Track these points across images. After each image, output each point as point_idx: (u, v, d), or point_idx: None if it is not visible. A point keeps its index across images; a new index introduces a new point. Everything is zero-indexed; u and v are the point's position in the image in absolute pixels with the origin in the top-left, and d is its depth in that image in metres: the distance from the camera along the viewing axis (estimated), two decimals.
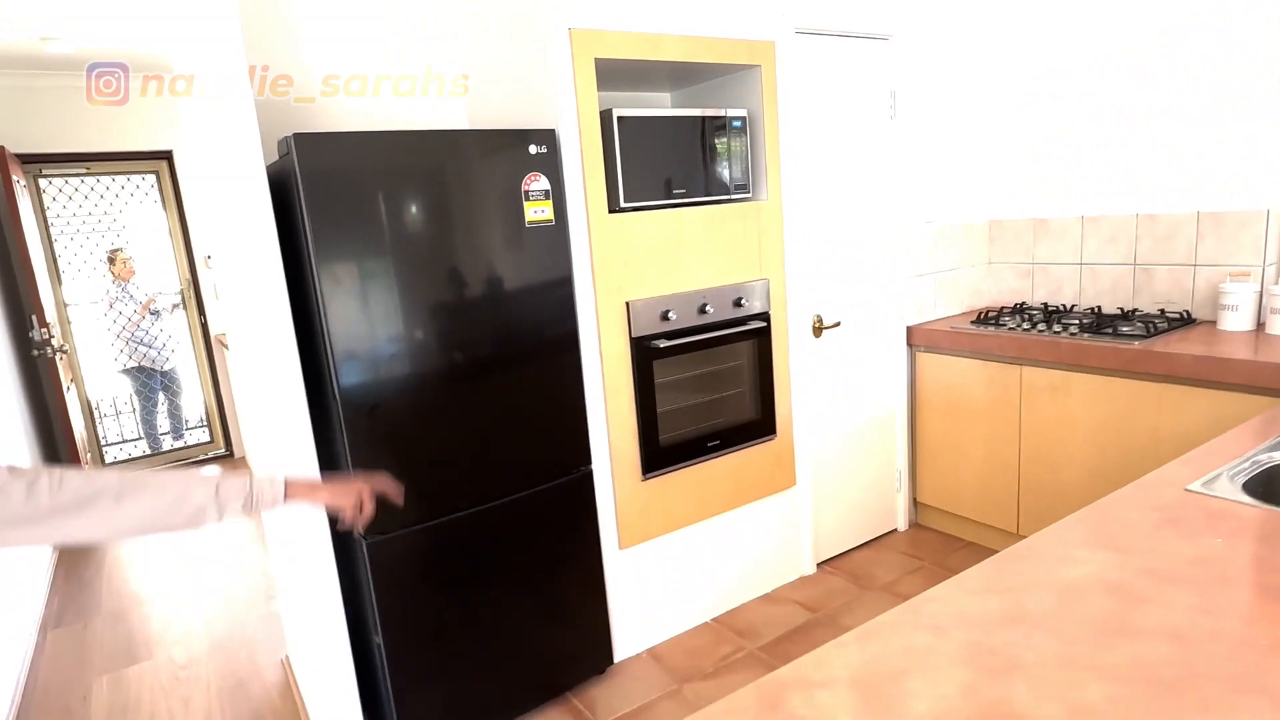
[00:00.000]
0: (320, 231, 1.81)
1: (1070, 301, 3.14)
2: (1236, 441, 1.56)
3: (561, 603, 2.34)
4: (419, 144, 1.94)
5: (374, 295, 1.91)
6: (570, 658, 2.40)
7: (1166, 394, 2.40)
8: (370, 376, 1.92)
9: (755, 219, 2.60)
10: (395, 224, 1.93)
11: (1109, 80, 2.92)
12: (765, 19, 2.54)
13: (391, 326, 1.95)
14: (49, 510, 1.00)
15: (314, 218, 1.80)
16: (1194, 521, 1.23)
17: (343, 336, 1.87)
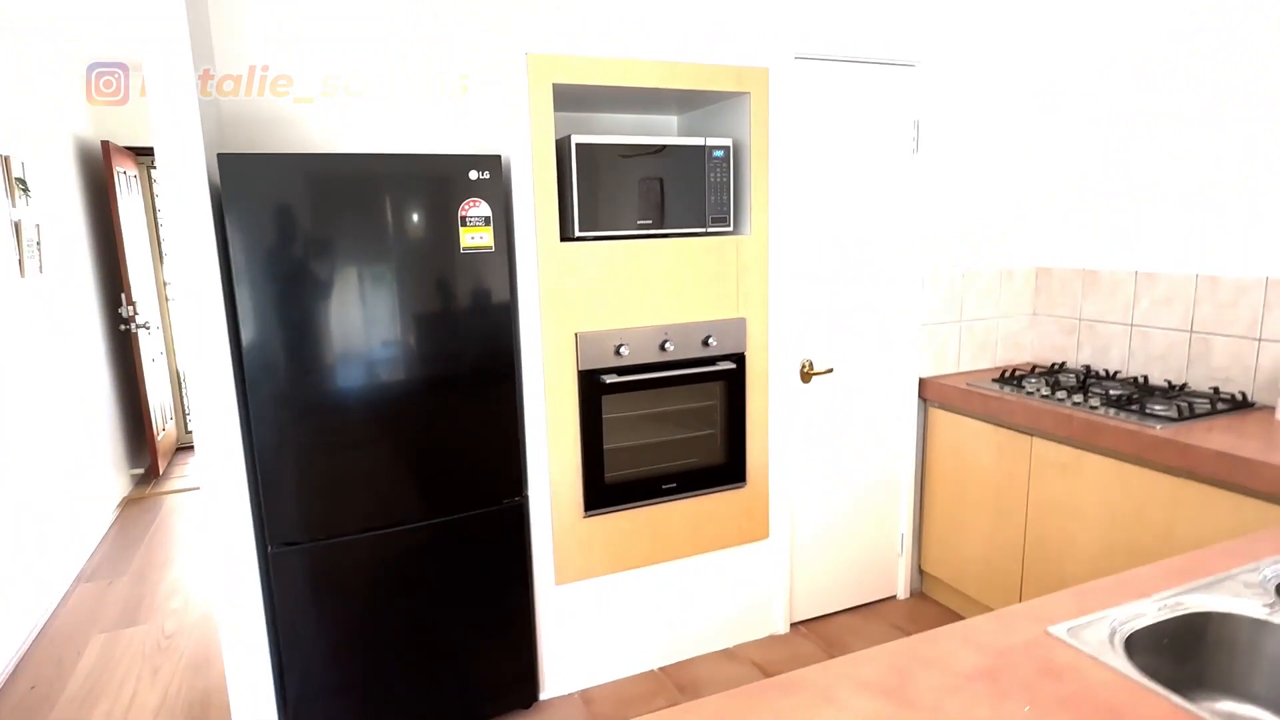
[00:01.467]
0: (241, 250, 1.86)
1: (1116, 367, 2.76)
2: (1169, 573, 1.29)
3: (487, 631, 2.31)
4: (350, 167, 1.97)
5: (293, 314, 1.95)
6: (494, 689, 2.36)
7: (1184, 491, 2.05)
8: (283, 391, 1.96)
9: (734, 254, 2.46)
10: (319, 244, 1.96)
11: (1170, 122, 2.54)
12: (757, 44, 2.39)
13: (311, 344, 1.98)
14: None
15: (236, 237, 1.86)
16: (1020, 677, 1.02)
17: (257, 352, 1.92)
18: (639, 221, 2.33)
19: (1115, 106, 2.71)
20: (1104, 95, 2.74)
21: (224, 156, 1.82)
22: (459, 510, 2.20)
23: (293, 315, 1.95)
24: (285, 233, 1.92)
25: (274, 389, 1.96)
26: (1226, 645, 1.18)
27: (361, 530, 2.09)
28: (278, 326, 1.94)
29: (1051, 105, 2.91)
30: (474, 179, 2.07)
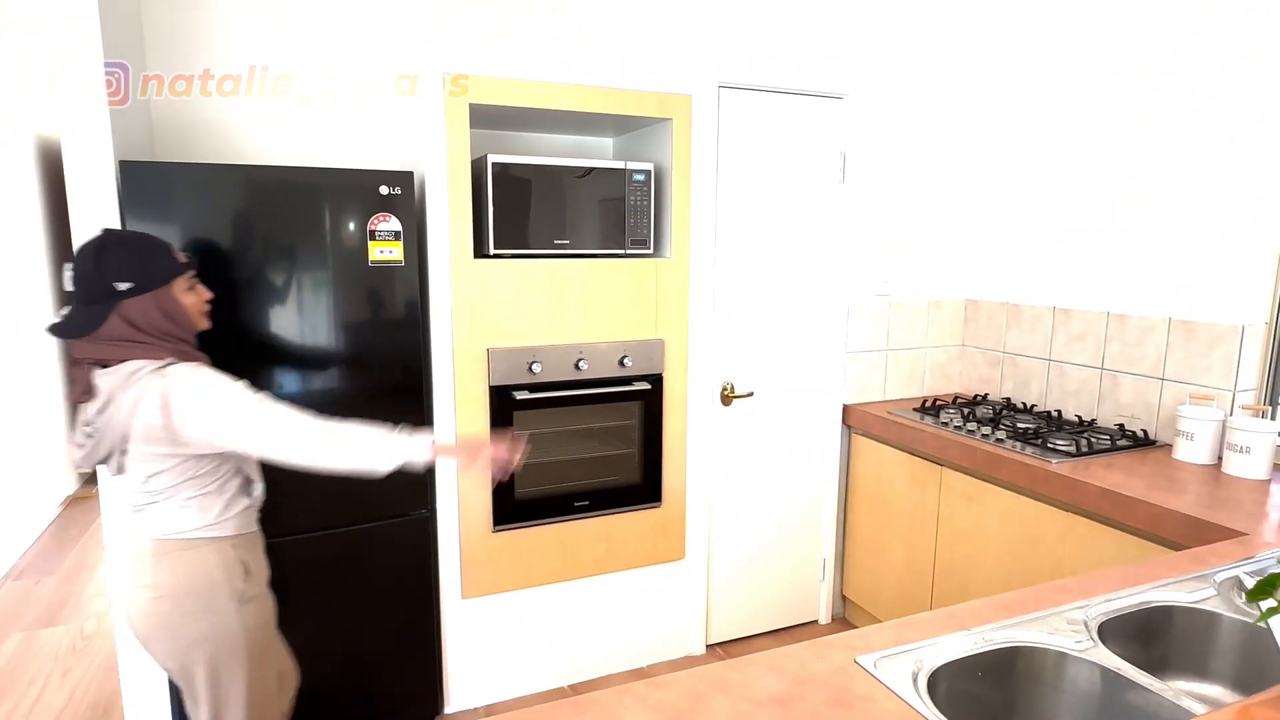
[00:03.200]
0: None
1: (1035, 400, 2.80)
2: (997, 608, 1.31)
3: (391, 643, 2.31)
4: (257, 178, 1.99)
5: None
6: (397, 701, 2.36)
7: (1074, 526, 2.08)
8: None
9: (653, 276, 2.49)
10: (222, 255, 1.97)
11: (1085, 161, 2.60)
12: (681, 72, 2.44)
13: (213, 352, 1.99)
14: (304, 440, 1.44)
15: None
16: (810, 707, 1.04)
17: None
18: (556, 241, 2.36)
19: (1037, 144, 2.77)
20: (1027, 132, 2.80)
21: (125, 164, 1.85)
22: (364, 520, 2.21)
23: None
24: (185, 243, 1.94)
25: None
26: (1035, 679, 1.21)
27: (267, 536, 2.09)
28: None
29: (978, 140, 2.97)
30: (385, 194, 2.10)
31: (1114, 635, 1.27)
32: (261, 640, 1.59)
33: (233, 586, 1.52)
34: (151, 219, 1.89)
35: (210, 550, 1.50)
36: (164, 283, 1.45)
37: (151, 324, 1.42)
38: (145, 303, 1.42)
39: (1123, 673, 1.14)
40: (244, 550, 1.57)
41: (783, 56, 2.59)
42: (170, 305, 1.45)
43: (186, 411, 1.39)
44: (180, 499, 1.47)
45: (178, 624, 1.48)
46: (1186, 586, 1.42)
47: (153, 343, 1.43)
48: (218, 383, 1.44)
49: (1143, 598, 1.37)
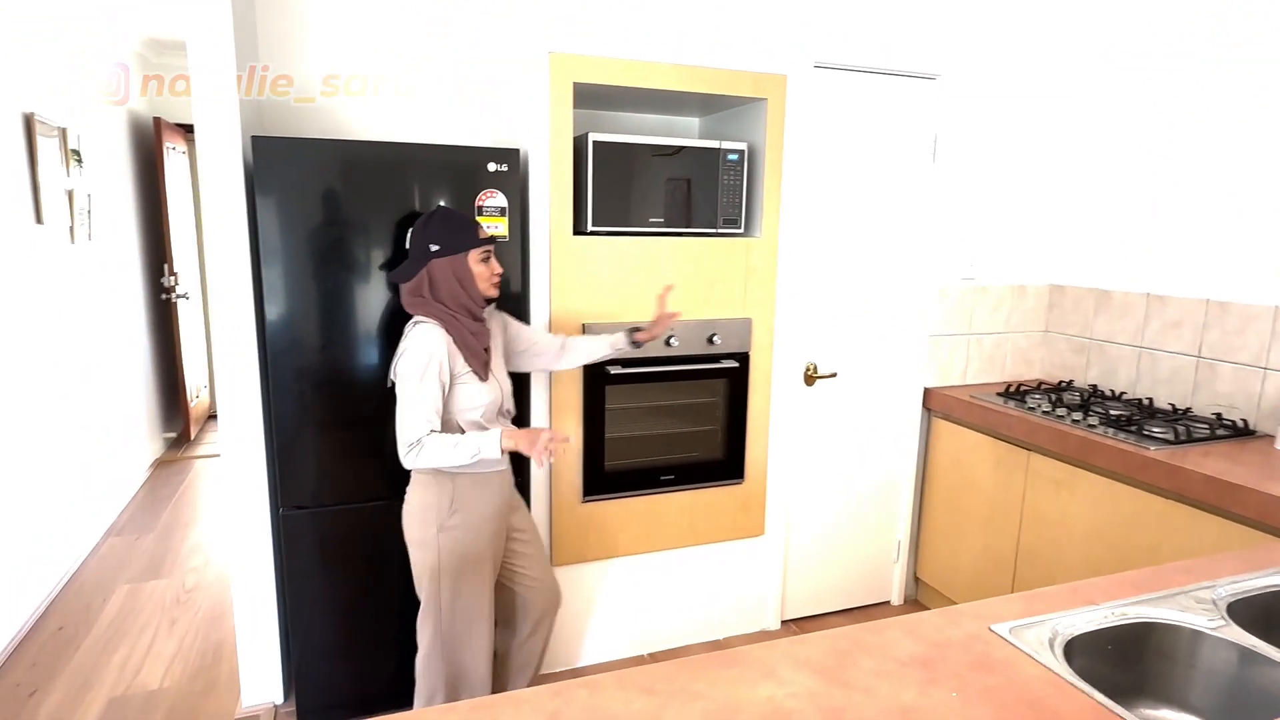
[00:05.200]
0: (270, 229, 1.98)
1: (1123, 388, 2.77)
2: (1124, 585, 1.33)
3: None
4: (373, 153, 2.07)
5: (316, 292, 2.06)
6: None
7: (1173, 513, 2.06)
8: (304, 365, 2.08)
9: (744, 256, 2.52)
10: (343, 227, 2.06)
11: (1185, 142, 2.54)
12: (777, 51, 2.45)
13: (330, 322, 2.09)
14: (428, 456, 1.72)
15: (265, 216, 1.97)
16: (952, 667, 1.08)
17: (281, 327, 2.03)
18: (651, 219, 2.40)
19: (1133, 126, 2.71)
20: (1122, 114, 2.74)
21: (257, 139, 1.94)
22: None
23: (315, 294, 2.06)
24: (311, 215, 2.03)
25: (294, 363, 2.07)
26: (1168, 655, 1.23)
27: (367, 499, 2.19)
28: (301, 304, 2.05)
29: (1070, 122, 2.91)
30: (492, 171, 2.16)
31: (1242, 617, 1.27)
32: (454, 566, 1.84)
33: (438, 514, 1.81)
34: (279, 192, 1.98)
35: (430, 479, 1.82)
36: (462, 250, 1.77)
37: (446, 282, 1.76)
38: (445, 265, 1.76)
39: (1259, 651, 1.15)
40: (463, 487, 1.82)
41: (877, 36, 2.58)
42: (463, 271, 1.77)
43: (396, 361, 1.76)
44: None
45: (407, 531, 1.87)
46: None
47: (438, 305, 1.76)
48: (414, 360, 1.72)
49: (1268, 581, 1.37)
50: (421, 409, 1.72)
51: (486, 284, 1.82)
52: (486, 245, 1.81)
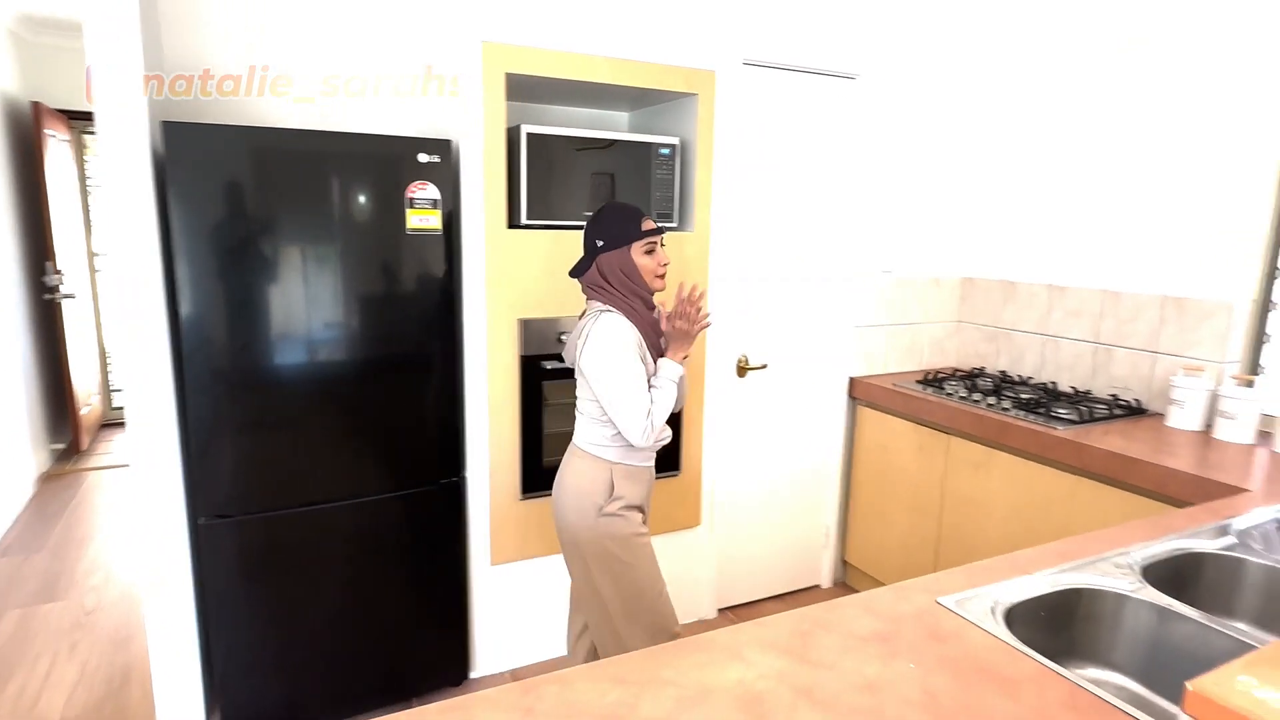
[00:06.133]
0: (183, 221, 1.86)
1: (1029, 373, 2.95)
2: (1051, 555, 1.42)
3: (420, 609, 2.34)
4: (296, 142, 1.98)
5: (234, 287, 1.95)
6: (425, 666, 2.39)
7: (1080, 488, 2.22)
8: (222, 365, 1.96)
9: (676, 250, 2.54)
10: (263, 219, 1.96)
11: (1082, 145, 2.73)
12: (707, 48, 2.48)
13: (251, 319, 1.98)
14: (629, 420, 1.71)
15: (178, 208, 1.85)
16: (909, 640, 1.13)
17: (196, 325, 1.91)
18: (585, 213, 2.38)
19: (1035, 126, 2.89)
20: (1025, 116, 2.92)
21: (169, 124, 1.82)
22: (396, 488, 2.23)
23: (234, 289, 1.95)
24: (229, 206, 1.91)
25: (212, 362, 1.95)
26: (1094, 618, 1.32)
27: (297, 505, 2.10)
28: (218, 300, 1.93)
29: (977, 123, 3.08)
30: (423, 162, 2.10)
31: (1155, 578, 1.38)
32: (617, 551, 1.80)
33: (595, 500, 1.79)
34: (194, 181, 1.86)
35: (590, 464, 1.81)
36: (625, 243, 1.77)
37: (614, 274, 1.77)
38: (611, 257, 1.77)
39: (1174, 609, 1.25)
40: (618, 476, 1.81)
41: (801, 36, 2.65)
42: (627, 263, 1.77)
43: (583, 351, 1.74)
44: (588, 417, 1.81)
45: (560, 512, 1.84)
46: (1207, 536, 1.55)
47: (612, 291, 1.77)
48: (612, 346, 1.71)
49: (1174, 545, 1.49)
50: (639, 385, 1.71)
51: (651, 275, 1.80)
52: (650, 237, 1.79)
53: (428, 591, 2.34)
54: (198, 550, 2.04)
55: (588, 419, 1.81)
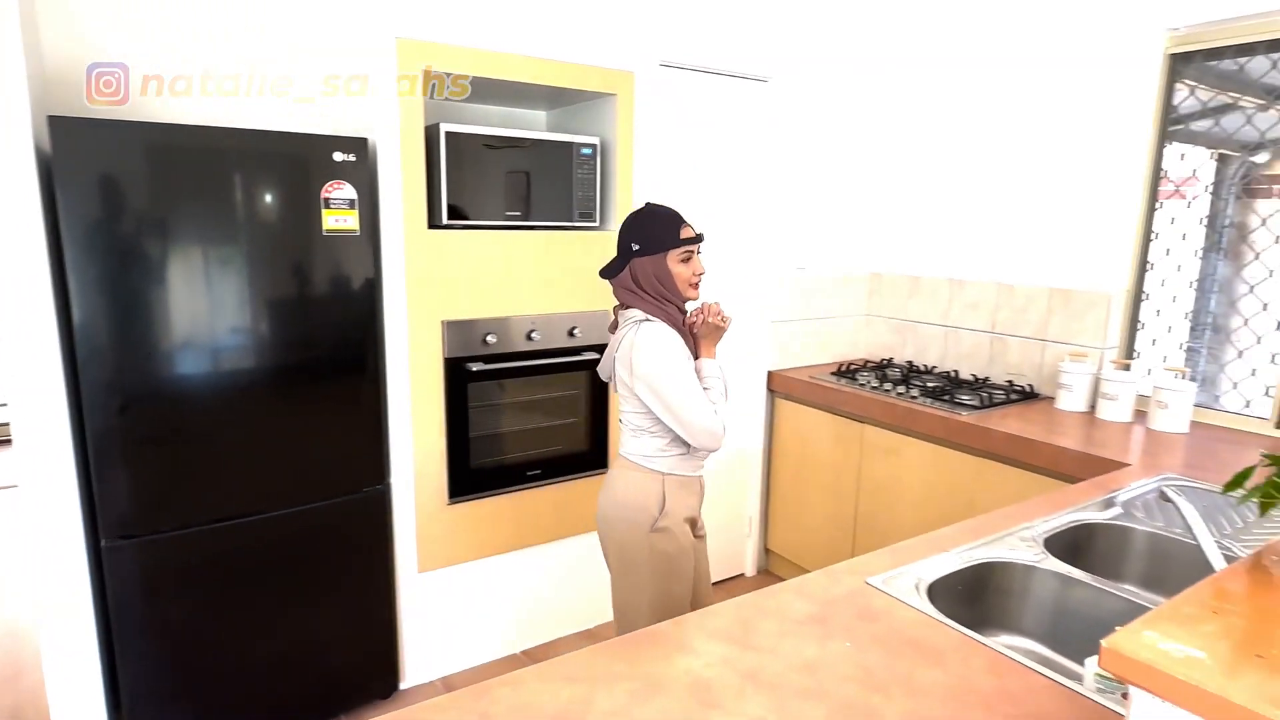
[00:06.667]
0: (74, 225, 1.73)
1: (934, 362, 3.12)
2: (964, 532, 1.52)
3: (345, 621, 2.27)
4: (203, 140, 1.88)
5: (133, 294, 1.83)
6: (351, 679, 2.32)
7: (984, 469, 2.37)
8: (121, 375, 1.84)
9: (601, 249, 2.55)
10: (165, 221, 1.85)
11: (979, 148, 2.91)
12: (625, 49, 2.50)
13: (152, 327, 1.87)
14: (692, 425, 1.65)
15: (69, 210, 1.72)
16: (843, 620, 1.19)
17: (90, 334, 1.79)
18: (507, 213, 2.37)
19: (937, 129, 3.06)
20: (928, 119, 3.09)
21: (56, 120, 1.69)
22: (317, 499, 2.15)
23: (132, 294, 1.83)
24: (126, 207, 1.80)
25: (109, 374, 1.83)
26: (1005, 589, 1.42)
27: (210, 521, 1.99)
28: (114, 306, 1.81)
29: (882, 125, 3.23)
30: (339, 161, 2.03)
31: (1056, 549, 1.50)
32: (665, 567, 1.74)
33: (648, 511, 1.72)
34: (86, 182, 1.74)
35: (642, 476, 1.73)
36: (660, 250, 1.69)
37: (648, 280, 1.69)
38: (645, 263, 1.69)
39: (1073, 576, 1.37)
40: (670, 487, 1.73)
41: (715, 40, 2.71)
42: (662, 270, 1.69)
43: (634, 364, 1.65)
44: (635, 427, 1.73)
45: (610, 524, 1.77)
46: (1097, 508, 1.69)
47: (648, 299, 1.70)
48: (659, 354, 1.64)
49: (1070, 518, 1.62)
50: (698, 387, 1.67)
51: (685, 284, 1.73)
52: (687, 245, 1.71)
53: (352, 604, 2.27)
54: (100, 575, 1.91)
55: (637, 430, 1.73)
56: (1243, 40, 2.27)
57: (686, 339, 1.74)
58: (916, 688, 1.02)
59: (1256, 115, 2.36)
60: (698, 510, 1.82)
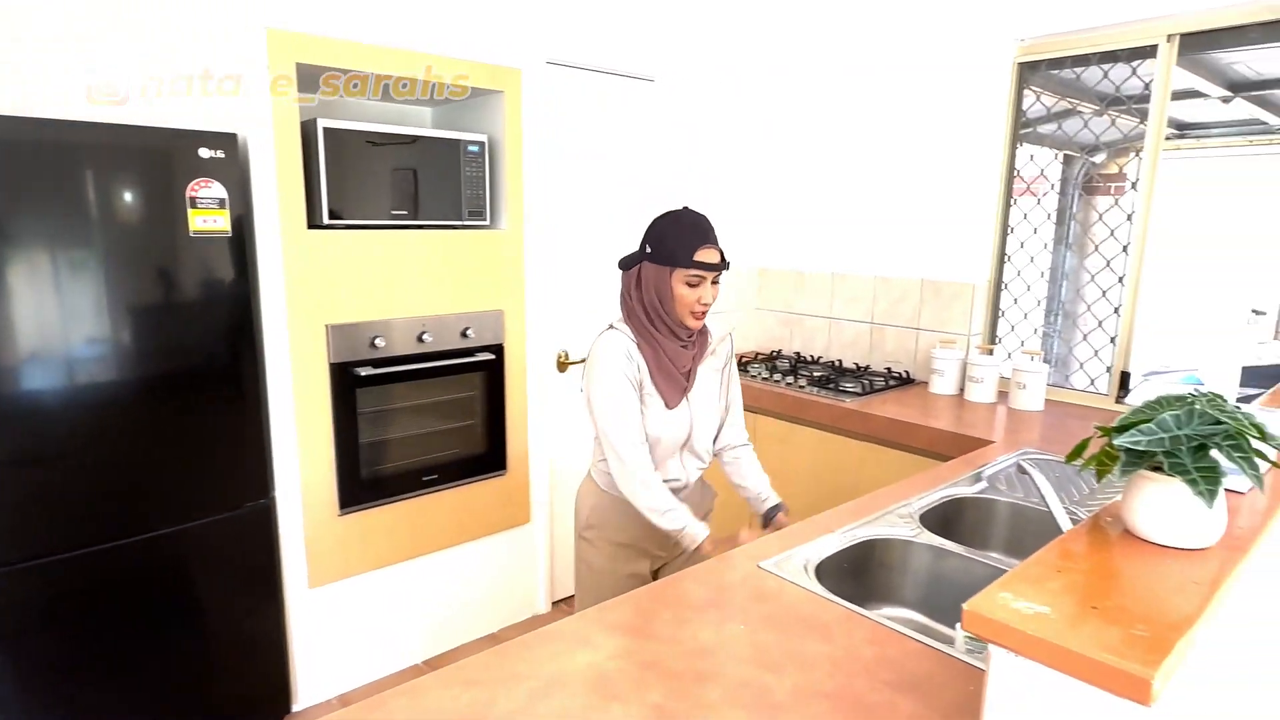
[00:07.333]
0: None
1: (819, 353, 3.27)
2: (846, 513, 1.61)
3: (232, 645, 2.14)
4: (46, 134, 1.72)
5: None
6: (239, 705, 2.19)
7: (868, 453, 2.51)
8: None
9: (491, 248, 2.52)
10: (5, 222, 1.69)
11: (856, 149, 3.07)
12: (511, 45, 2.48)
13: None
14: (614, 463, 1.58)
15: None
16: (738, 604, 1.23)
17: None
18: (393, 212, 2.31)
19: (817, 133, 3.20)
20: (809, 123, 3.23)
21: None
22: (194, 518, 2.02)
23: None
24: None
25: None
26: (886, 563, 1.52)
27: (73, 549, 1.84)
28: None
29: (767, 125, 3.35)
30: (205, 157, 1.91)
31: (931, 523, 1.61)
32: (589, 578, 1.71)
33: (579, 514, 1.74)
34: None
35: (586, 482, 1.75)
36: (667, 264, 1.55)
37: (647, 290, 1.57)
38: (650, 271, 1.57)
39: (946, 547, 1.48)
40: (603, 503, 1.68)
41: (601, 38, 2.73)
42: (664, 285, 1.56)
43: (584, 371, 1.62)
44: (594, 433, 1.66)
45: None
46: (966, 483, 1.83)
47: (634, 308, 1.59)
48: (604, 369, 1.57)
49: (942, 494, 1.74)
50: (620, 419, 1.55)
51: (686, 310, 1.57)
52: (699, 271, 1.54)
53: (239, 626, 2.15)
54: None
55: (594, 435, 1.67)
56: (1079, 51, 2.50)
57: (667, 365, 1.59)
58: (805, 662, 1.07)
59: (1092, 120, 2.61)
60: (651, 547, 1.67)
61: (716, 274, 1.57)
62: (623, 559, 1.67)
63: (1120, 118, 2.52)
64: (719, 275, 1.59)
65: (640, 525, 1.63)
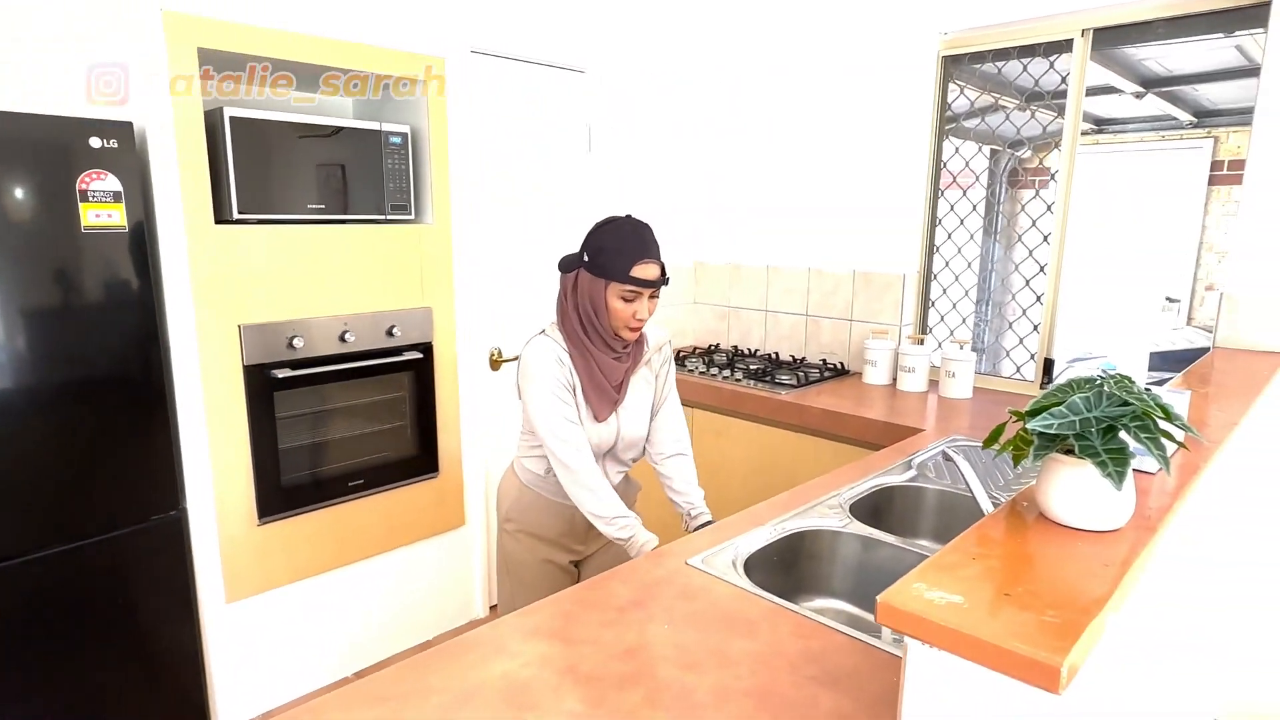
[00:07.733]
0: None
1: (756, 345, 3.27)
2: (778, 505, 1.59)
3: (142, 666, 2.02)
4: None
5: None
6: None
7: (803, 444, 2.51)
8: None
9: (417, 244, 2.44)
10: None
11: (789, 143, 3.08)
12: (433, 33, 2.40)
13: None
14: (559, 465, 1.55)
15: None
16: (663, 603, 1.20)
17: None
18: (311, 206, 2.21)
19: (752, 124, 3.20)
20: (743, 117, 3.22)
21: None
22: (97, 533, 1.89)
23: None
24: None
25: None
26: (816, 555, 1.50)
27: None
28: None
29: (702, 118, 3.33)
30: (97, 148, 1.78)
31: (860, 513, 1.61)
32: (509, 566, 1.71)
33: (500, 503, 1.73)
34: None
35: (508, 472, 1.75)
36: (604, 277, 1.50)
37: (582, 297, 1.54)
38: (586, 281, 1.53)
39: (874, 536, 1.47)
40: (525, 499, 1.67)
41: (528, 27, 2.67)
42: (599, 297, 1.52)
43: (518, 374, 1.60)
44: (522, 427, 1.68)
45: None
46: (897, 471, 1.84)
47: (568, 314, 1.56)
48: (538, 378, 1.54)
49: (872, 483, 1.75)
50: (552, 420, 1.53)
51: (621, 323, 1.53)
52: (633, 287, 1.49)
53: (153, 644, 2.03)
54: None
55: (521, 430, 1.69)
56: (999, 45, 2.55)
57: (598, 375, 1.57)
58: (728, 659, 1.04)
59: (1014, 114, 2.66)
60: (571, 543, 1.69)
61: (654, 289, 1.54)
62: (543, 550, 1.69)
63: (1040, 112, 2.58)
64: (658, 290, 1.55)
65: (562, 521, 1.65)
